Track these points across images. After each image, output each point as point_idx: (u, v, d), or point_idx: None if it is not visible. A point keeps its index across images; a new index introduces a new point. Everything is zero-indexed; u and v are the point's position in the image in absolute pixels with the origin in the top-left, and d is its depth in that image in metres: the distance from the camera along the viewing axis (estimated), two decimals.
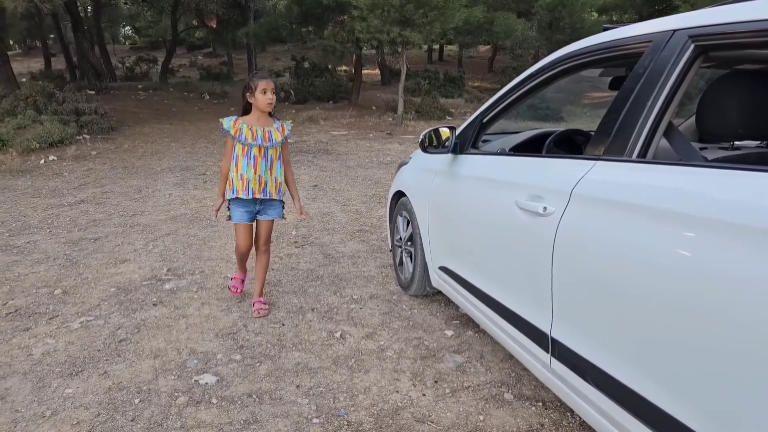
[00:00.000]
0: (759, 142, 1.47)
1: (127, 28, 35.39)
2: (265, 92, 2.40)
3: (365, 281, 3.16)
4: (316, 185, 5.82)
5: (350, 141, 9.29)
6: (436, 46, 24.75)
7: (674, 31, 1.36)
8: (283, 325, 2.59)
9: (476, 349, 2.37)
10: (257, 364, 2.22)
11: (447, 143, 2.31)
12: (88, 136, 8.74)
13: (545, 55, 2.04)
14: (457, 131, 2.30)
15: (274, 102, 2.44)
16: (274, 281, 3.14)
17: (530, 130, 2.59)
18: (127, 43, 38.14)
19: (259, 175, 2.48)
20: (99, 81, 15.80)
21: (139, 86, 17.76)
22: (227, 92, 17.46)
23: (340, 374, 2.14)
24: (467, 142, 2.27)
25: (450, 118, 12.16)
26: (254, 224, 2.66)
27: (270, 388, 2.04)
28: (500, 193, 1.83)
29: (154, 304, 2.83)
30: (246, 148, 2.45)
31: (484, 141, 2.50)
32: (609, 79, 2.14)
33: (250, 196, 2.49)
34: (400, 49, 10.30)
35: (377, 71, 21.31)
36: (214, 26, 18.60)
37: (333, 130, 10.35)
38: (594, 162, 1.47)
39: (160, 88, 17.63)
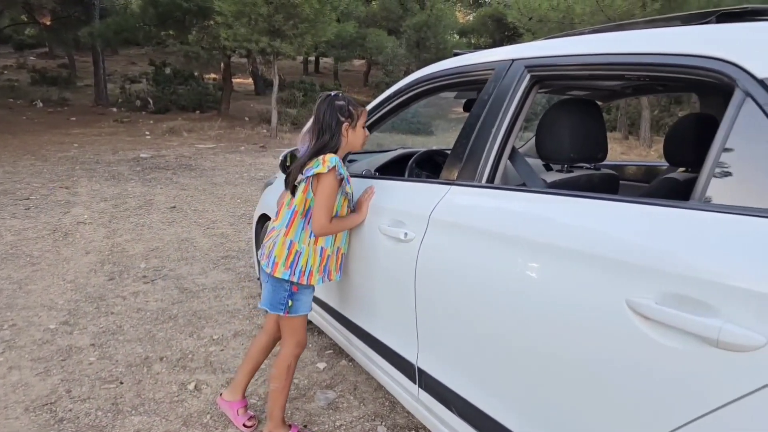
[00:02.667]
0: (589, 165, 1.65)
1: None
2: (365, 126, 1.79)
3: (229, 317, 2.93)
4: (174, 207, 5.35)
5: (218, 155, 8.80)
6: (312, 58, 24.87)
7: (513, 60, 1.46)
8: (122, 383, 2.25)
9: (350, 380, 2.31)
10: None
11: None
12: None
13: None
14: None
15: None
16: (113, 328, 2.75)
17: (396, 148, 2.64)
18: None
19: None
20: None
21: None
22: (67, 99, 15.56)
23: None
24: None
25: None
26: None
27: None
28: None
29: None
30: (350, 210, 1.79)
31: (351, 161, 2.48)
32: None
33: (340, 277, 1.87)
34: (271, 59, 10.10)
35: (250, 80, 20.70)
36: (48, 23, 16.44)
37: (198, 143, 9.72)
38: (449, 187, 1.50)
39: None
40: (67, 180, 6.35)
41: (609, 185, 1.66)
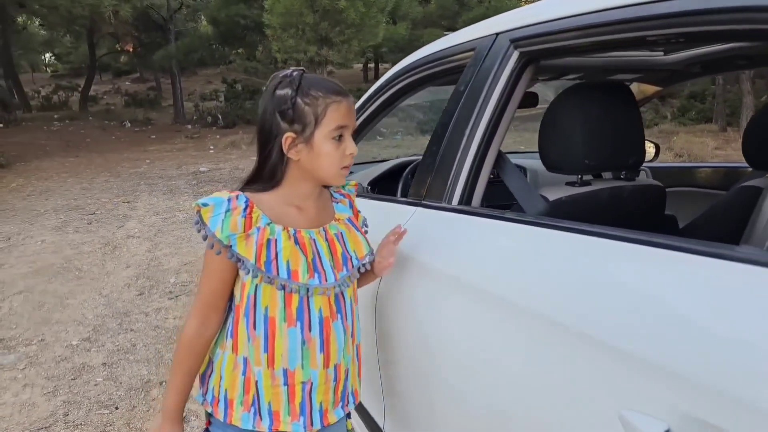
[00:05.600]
0: (619, 173, 1.17)
1: (48, 54, 33.23)
2: (341, 135, 0.85)
3: None
4: None
5: None
6: (372, 65, 24.65)
7: (497, 35, 1.05)
8: (117, 408, 2.09)
9: None
10: None
11: None
12: None
13: None
14: None
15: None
16: (127, 347, 2.61)
17: (397, 158, 2.26)
18: (49, 71, 35.79)
19: (336, 365, 0.89)
20: (7, 113, 14.61)
21: (55, 116, 16.49)
22: (151, 119, 16.51)
23: None
24: None
25: (380, 138, 11.88)
26: None
27: None
28: None
29: None
30: (294, 298, 0.85)
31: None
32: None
33: (317, 427, 0.89)
34: (319, 70, 9.95)
35: None
36: (131, 49, 17.60)
37: (254, 156, 9.81)
38: (415, 208, 1.12)
39: (78, 118, 16.44)
40: (131, 195, 6.55)
41: (648, 202, 1.16)
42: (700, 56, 1.31)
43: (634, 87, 1.59)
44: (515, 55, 0.99)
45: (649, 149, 1.94)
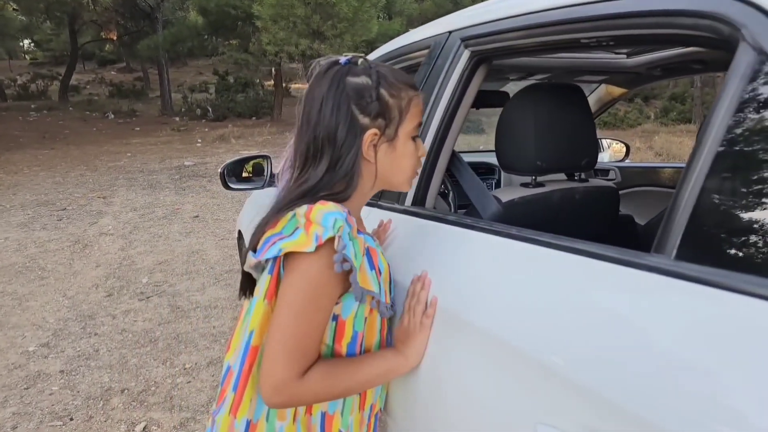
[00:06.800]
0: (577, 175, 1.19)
1: (27, 41, 33.14)
2: (416, 136, 0.80)
3: (211, 341, 2.70)
4: (197, 216, 5.28)
5: None
6: None
7: (449, 33, 1.07)
8: (72, 419, 2.08)
9: None
10: None
11: (264, 175, 1.99)
12: None
13: None
14: (274, 161, 1.96)
15: None
16: (89, 353, 2.61)
17: None
18: (28, 59, 35.72)
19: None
20: None
21: (33, 106, 16.45)
22: (136, 110, 16.48)
23: None
24: None
25: None
26: None
27: None
28: None
29: None
30: (386, 322, 0.83)
31: None
32: None
33: None
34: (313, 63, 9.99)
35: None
36: (114, 38, 17.57)
37: (244, 150, 9.83)
38: (371, 209, 1.14)
39: (57, 108, 16.40)
40: (108, 189, 6.54)
41: (600, 203, 1.19)
42: (659, 60, 1.35)
43: (603, 89, 1.62)
44: (466, 54, 1.01)
45: (620, 149, 1.98)
